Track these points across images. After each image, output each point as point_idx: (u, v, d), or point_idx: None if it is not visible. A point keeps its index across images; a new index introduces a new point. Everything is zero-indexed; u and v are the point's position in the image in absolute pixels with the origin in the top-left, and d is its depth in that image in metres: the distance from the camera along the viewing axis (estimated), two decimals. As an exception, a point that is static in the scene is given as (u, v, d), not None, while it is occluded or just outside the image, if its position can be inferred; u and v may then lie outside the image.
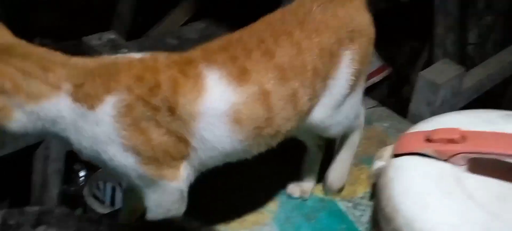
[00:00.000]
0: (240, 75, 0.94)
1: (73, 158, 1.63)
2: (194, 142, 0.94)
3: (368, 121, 1.43)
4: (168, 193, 0.96)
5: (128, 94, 0.90)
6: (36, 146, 1.50)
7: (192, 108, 0.91)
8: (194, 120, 0.92)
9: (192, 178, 0.99)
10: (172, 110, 0.91)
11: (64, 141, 0.94)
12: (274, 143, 1.03)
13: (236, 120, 0.94)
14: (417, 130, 0.98)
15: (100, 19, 1.92)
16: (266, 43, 0.98)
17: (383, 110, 1.48)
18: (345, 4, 1.06)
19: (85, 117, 0.90)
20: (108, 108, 0.89)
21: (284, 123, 0.99)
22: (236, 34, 1.01)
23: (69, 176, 1.71)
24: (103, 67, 0.92)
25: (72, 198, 1.70)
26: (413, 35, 1.99)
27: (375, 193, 0.91)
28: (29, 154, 1.52)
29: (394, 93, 1.86)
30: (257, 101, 0.95)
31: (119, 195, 1.66)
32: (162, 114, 0.91)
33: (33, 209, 0.79)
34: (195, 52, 0.98)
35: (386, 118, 1.45)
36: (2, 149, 1.40)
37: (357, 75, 1.07)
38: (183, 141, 0.94)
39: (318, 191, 1.22)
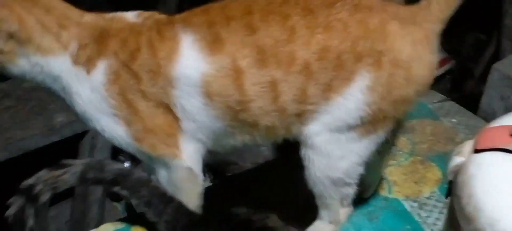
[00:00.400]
0: (213, 43, 0.88)
1: (117, 149, 1.65)
2: (177, 112, 0.91)
3: (435, 116, 1.39)
4: (175, 171, 0.94)
5: (115, 60, 0.89)
6: (82, 135, 1.52)
7: (169, 73, 0.88)
8: (171, 86, 0.89)
9: (200, 154, 0.95)
10: (153, 75, 0.89)
11: (62, 99, 0.94)
12: (258, 136, 0.94)
13: (207, 93, 0.89)
14: (500, 124, 0.93)
15: (143, 2, 1.92)
16: (252, 16, 0.88)
17: (452, 105, 1.43)
18: (387, 22, 0.88)
19: (83, 81, 0.90)
20: (99, 75, 0.89)
21: (261, 114, 0.90)
22: (227, 0, 0.92)
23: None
24: (101, 28, 0.91)
25: (115, 190, 1.71)
26: (478, 26, 1.92)
27: (454, 190, 0.87)
28: (75, 143, 1.54)
29: (457, 88, 1.81)
30: (228, 77, 0.88)
31: (164, 188, 1.66)
32: (145, 83, 0.89)
33: (113, 167, 0.80)
34: (180, 14, 0.93)
35: (455, 114, 1.40)
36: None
37: (374, 113, 0.90)
38: (170, 111, 0.91)
39: (381, 190, 1.19)
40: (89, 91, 0.90)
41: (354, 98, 0.89)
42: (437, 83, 1.72)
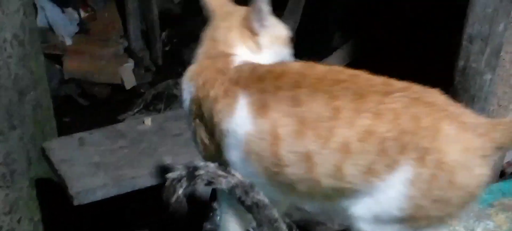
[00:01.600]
0: (260, 108, 1.02)
1: (212, 195, 1.77)
2: (226, 156, 1.07)
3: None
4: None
5: (198, 89, 1.10)
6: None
7: (223, 126, 1.05)
8: (224, 135, 1.06)
9: None
10: (212, 123, 1.07)
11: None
12: (299, 198, 1.06)
13: (246, 150, 1.04)
14: None
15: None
16: (300, 91, 0.99)
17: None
18: (441, 122, 0.93)
19: (188, 92, 1.15)
20: (192, 88, 1.12)
21: (296, 180, 1.00)
22: (284, 70, 1.04)
23: (207, 212, 1.84)
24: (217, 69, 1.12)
25: (206, 236, 1.83)
26: None
27: None
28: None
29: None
30: (265, 141, 1.01)
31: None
32: (208, 123, 1.08)
33: (254, 195, 0.94)
34: (245, 75, 1.08)
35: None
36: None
37: (415, 208, 0.94)
38: (221, 151, 1.08)
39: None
40: (188, 101, 1.15)
41: (395, 188, 0.95)
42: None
